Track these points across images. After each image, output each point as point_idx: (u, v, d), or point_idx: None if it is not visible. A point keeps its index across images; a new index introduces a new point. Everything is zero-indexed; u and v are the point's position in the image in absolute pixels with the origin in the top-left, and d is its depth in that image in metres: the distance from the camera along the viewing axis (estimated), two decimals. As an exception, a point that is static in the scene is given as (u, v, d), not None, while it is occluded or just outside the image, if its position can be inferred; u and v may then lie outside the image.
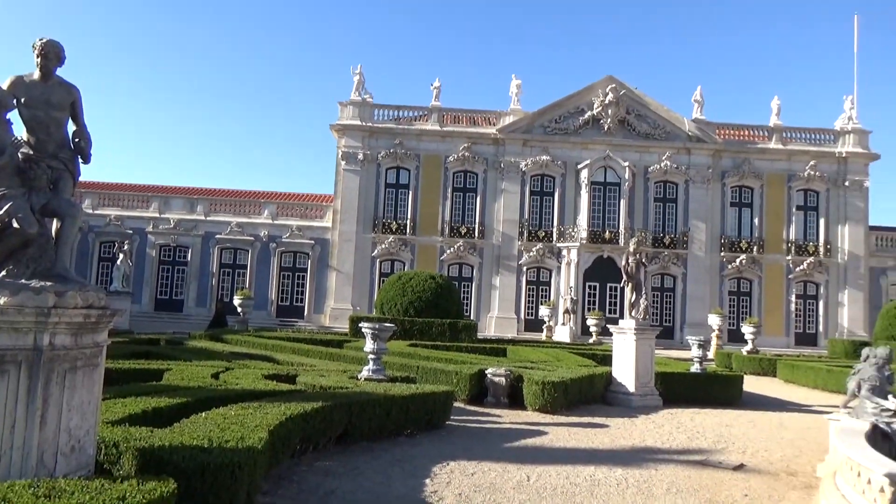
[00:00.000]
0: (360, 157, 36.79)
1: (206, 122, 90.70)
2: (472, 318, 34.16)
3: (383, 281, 29.05)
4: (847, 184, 37.33)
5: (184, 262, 37.10)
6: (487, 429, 10.96)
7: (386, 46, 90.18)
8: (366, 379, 11.41)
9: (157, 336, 19.85)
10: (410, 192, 37.28)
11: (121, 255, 28.38)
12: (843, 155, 37.50)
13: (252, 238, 37.08)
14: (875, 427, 8.24)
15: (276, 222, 37.44)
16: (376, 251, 36.68)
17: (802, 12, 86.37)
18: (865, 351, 9.24)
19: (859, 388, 8.95)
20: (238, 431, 6.37)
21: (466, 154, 36.99)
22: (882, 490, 5.81)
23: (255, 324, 29.87)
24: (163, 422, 7.00)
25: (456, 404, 12.38)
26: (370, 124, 37.27)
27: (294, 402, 8.27)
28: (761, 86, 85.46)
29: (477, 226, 36.99)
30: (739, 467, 9.05)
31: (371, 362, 11.89)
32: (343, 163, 36.96)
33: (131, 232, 36.32)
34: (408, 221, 36.89)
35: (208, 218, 37.44)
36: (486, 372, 13.37)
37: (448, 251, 36.66)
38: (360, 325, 12.84)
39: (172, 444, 5.74)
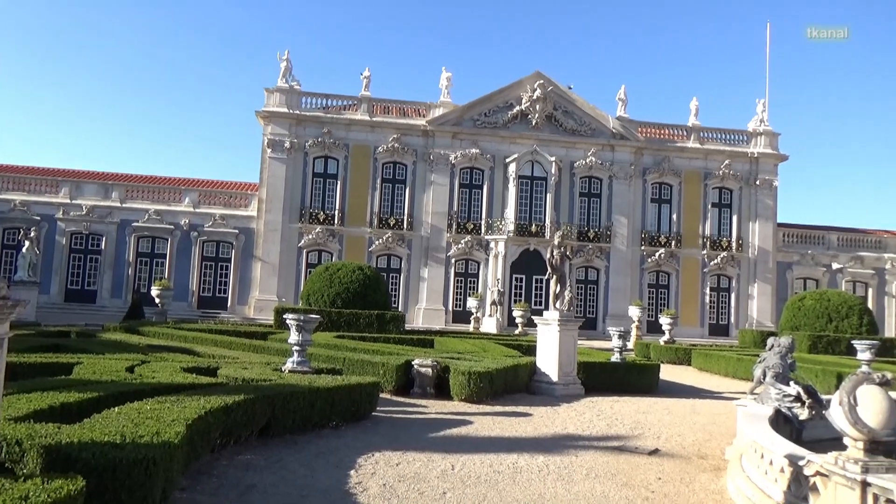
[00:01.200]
0: (287, 145, 36.00)
1: (122, 104, 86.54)
2: (400, 309, 34.16)
3: (310, 272, 28.57)
4: (758, 183, 39.40)
5: (97, 250, 35.32)
6: (413, 419, 10.99)
7: (315, 34, 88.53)
8: (290, 371, 11.22)
9: (68, 328, 18.85)
10: (339, 183, 36.79)
11: (26, 243, 26.66)
12: (755, 155, 39.55)
13: (172, 226, 35.68)
14: (778, 412, 8.76)
15: (197, 210, 36.16)
16: (303, 241, 36.05)
17: (721, 17, 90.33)
18: (770, 340, 9.79)
19: (764, 375, 9.48)
20: (153, 426, 6.14)
21: (396, 145, 36.82)
22: (782, 470, 6.18)
23: (175, 315, 28.82)
24: (72, 418, 6.66)
25: (383, 395, 12.36)
26: (297, 112, 36.49)
27: (215, 395, 8.03)
28: (681, 87, 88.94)
29: (406, 217, 36.93)
30: (654, 452, 9.43)
31: (296, 354, 11.70)
32: (269, 151, 36.07)
33: (38, 218, 34.25)
34: (336, 212, 36.42)
35: (124, 205, 35.76)
36: (413, 363, 13.39)
37: (377, 242, 36.46)
38: (284, 316, 12.59)
39: (82, 440, 5.46)
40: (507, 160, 37.32)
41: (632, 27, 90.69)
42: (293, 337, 11.79)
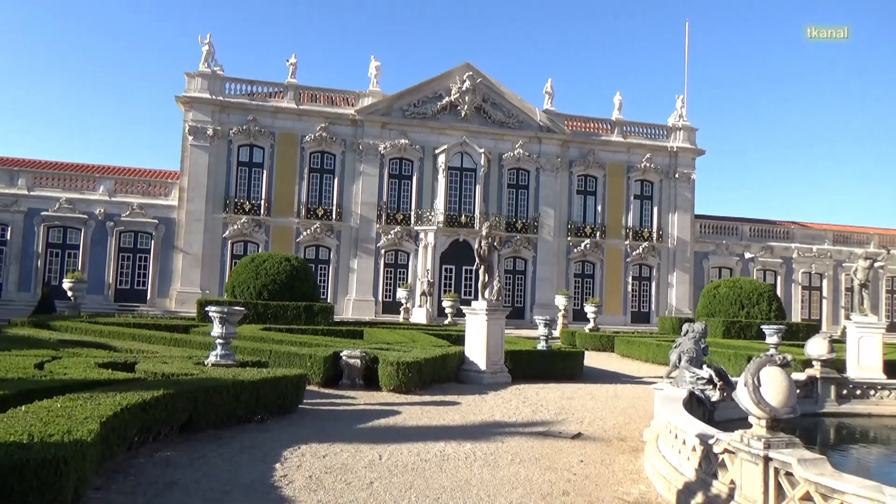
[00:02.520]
0: (210, 132, 34.83)
1: (29, 85, 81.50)
2: (329, 301, 33.79)
3: (235, 263, 27.84)
4: (677, 176, 41.01)
5: (2, 241, 33.20)
6: (341, 411, 10.92)
7: (240, 20, 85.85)
8: (213, 364, 10.93)
9: (-31, 324, 17.68)
10: (265, 172, 35.91)
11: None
12: (675, 149, 41.13)
13: (85, 216, 33.91)
14: (692, 394, 9.20)
15: (114, 199, 34.50)
16: (228, 232, 35.04)
17: (644, 15, 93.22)
18: (685, 326, 10.26)
19: (680, 359, 9.92)
20: (64, 424, 5.86)
21: (324, 134, 36.26)
22: (694, 449, 6.50)
23: (90, 309, 27.49)
24: (-27, 418, 6.26)
25: (310, 388, 12.25)
26: (221, 98, 35.32)
27: (132, 391, 7.73)
28: (606, 82, 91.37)
29: (335, 208, 36.47)
30: (577, 436, 9.73)
31: (219, 347, 11.40)
32: (191, 138, 34.79)
33: (-64, 207, 31.91)
34: (262, 202, 35.56)
35: (32, 193, 33.71)
36: (342, 354, 13.30)
37: (304, 233, 35.86)
38: (207, 308, 12.24)
39: (-16, 441, 5.16)
40: (437, 151, 37.40)
41: (559, 22, 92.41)
42: (216, 330, 11.48)
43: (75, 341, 14.38)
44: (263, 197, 35.63)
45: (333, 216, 36.33)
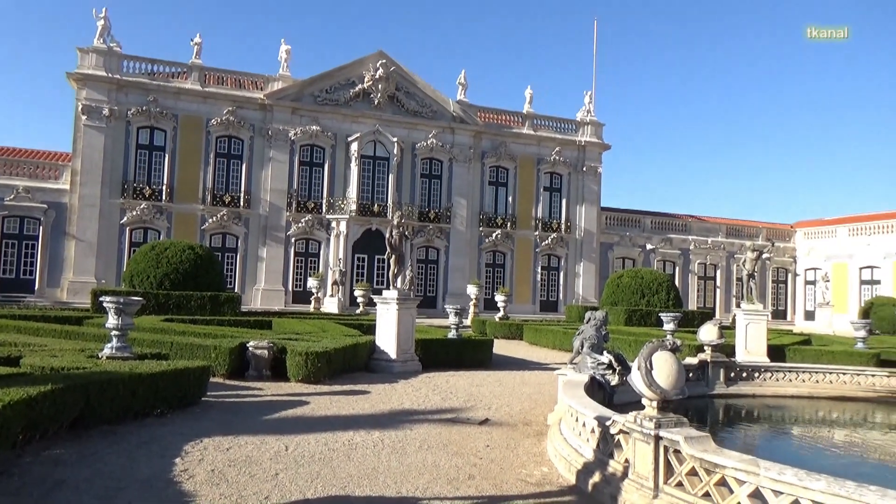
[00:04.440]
0: (106, 112, 32.85)
1: None
2: (236, 290, 32.83)
3: (134, 251, 26.46)
4: (585, 169, 42.40)
5: None
6: (247, 402, 10.66)
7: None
8: (108, 357, 10.39)
9: None
10: (167, 156, 34.28)
11: None
12: (582, 143, 42.48)
13: (-36, 199, 31.30)
14: (593, 379, 9.59)
15: (-3, 182, 31.99)
16: (126, 218, 33.26)
17: (556, 12, 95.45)
18: (587, 314, 10.66)
19: (582, 346, 10.31)
20: (-64, 424, 5.42)
21: (231, 118, 35.00)
22: (593, 431, 6.79)
23: (-30, 300, 25.44)
24: None
25: (215, 380, 11.90)
26: (118, 77, 33.34)
27: (15, 386, 7.23)
28: (518, 75, 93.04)
29: (242, 194, 35.35)
30: (485, 422, 9.93)
31: (114, 339, 10.84)
32: (84, 117, 32.69)
33: None
34: (164, 187, 33.96)
35: None
36: (248, 345, 12.96)
37: (210, 220, 34.57)
38: (101, 298, 11.60)
39: None
40: (350, 139, 36.94)
41: (473, 14, 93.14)
42: (111, 321, 10.90)
43: (-49, 335, 13.27)
44: (165, 182, 34.04)
45: (241, 203, 35.21)
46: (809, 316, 44.77)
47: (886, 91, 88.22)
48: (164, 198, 33.85)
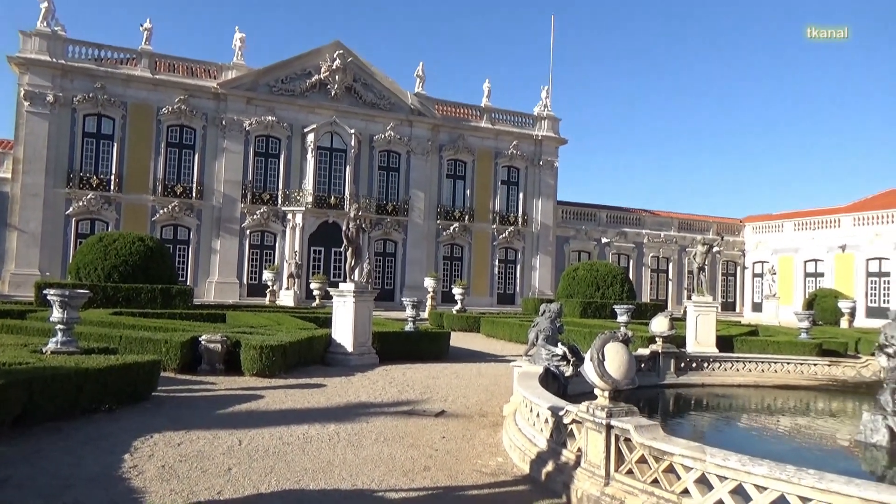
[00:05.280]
0: (50, 98, 31.66)
1: None
2: (189, 283, 32.15)
3: (81, 243, 25.64)
4: (541, 163, 42.80)
5: None
6: (200, 397, 10.46)
7: (87, -26, 78.50)
8: (53, 352, 10.06)
9: None
10: (115, 144, 33.25)
11: None
12: (539, 138, 42.86)
13: None
14: (548, 370, 9.72)
15: (-67, 170, 30.58)
16: (72, 209, 32.17)
17: (515, 7, 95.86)
18: (542, 307, 10.79)
19: (537, 338, 10.43)
20: None
21: (183, 107, 34.15)
22: (546, 421, 6.89)
23: None
24: None
25: (167, 374, 11.66)
26: (63, 62, 32.15)
27: (-48, 382, 6.95)
28: (476, 68, 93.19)
29: (195, 185, 34.57)
30: (441, 413, 9.97)
31: (60, 333, 10.51)
32: (27, 104, 31.43)
33: None
34: (112, 177, 32.95)
35: None
36: (201, 339, 12.71)
37: (161, 211, 33.72)
38: (45, 291, 11.22)
39: None
40: (306, 130, 36.47)
41: (431, 7, 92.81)
42: (56, 314, 10.56)
43: None
44: (114, 172, 33.04)
45: (194, 194, 34.44)
46: (757, 307, 46.20)
47: (849, 93, 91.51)
48: (112, 188, 32.85)
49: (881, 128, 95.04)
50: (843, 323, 30.10)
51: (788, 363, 14.17)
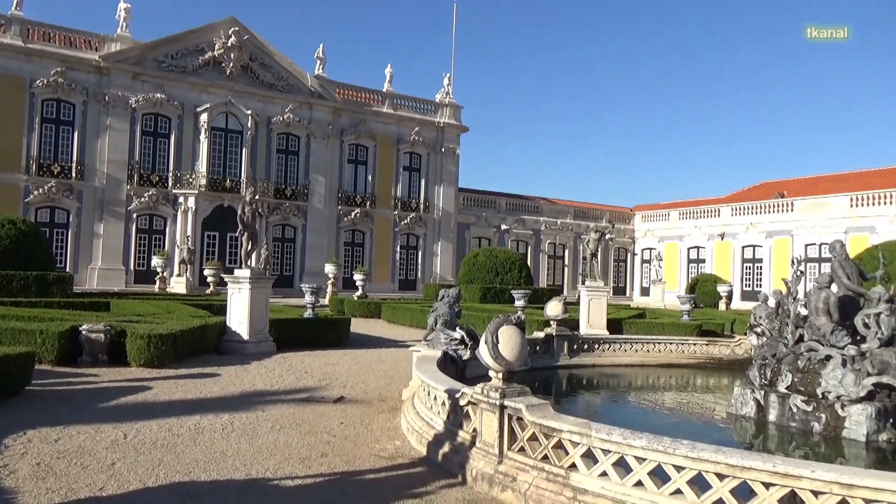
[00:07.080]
0: None
1: None
2: (68, 270, 30.03)
3: (-58, 226, 23.34)
4: (443, 150, 43.09)
5: None
6: (80, 390, 9.86)
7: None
8: None
9: None
10: (-18, 119, 30.43)
11: None
12: (441, 125, 43.09)
13: None
14: (446, 354, 9.86)
15: None
16: (-68, 189, 29.23)
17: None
18: (441, 292, 10.94)
19: (436, 322, 10.56)
20: None
21: (60, 80, 31.66)
22: (444, 403, 7.00)
23: None
24: None
25: (42, 367, 10.94)
26: (-80, 25, 29.04)
27: None
28: (379, 53, 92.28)
29: (75, 165, 32.25)
30: (339, 399, 9.91)
31: (-84, 325, 9.55)
32: None
33: None
34: (-21, 154, 30.16)
35: None
36: (81, 328, 11.95)
37: (36, 192, 31.23)
38: None
39: None
40: (199, 109, 34.84)
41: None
42: (-88, 304, 9.59)
43: None
44: (-19, 149, 30.25)
45: (73, 174, 32.14)
46: (645, 292, 48.83)
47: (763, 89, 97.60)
48: (-22, 166, 30.09)
49: (759, 123, 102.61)
50: (721, 306, 32.35)
51: (671, 343, 15.13)
